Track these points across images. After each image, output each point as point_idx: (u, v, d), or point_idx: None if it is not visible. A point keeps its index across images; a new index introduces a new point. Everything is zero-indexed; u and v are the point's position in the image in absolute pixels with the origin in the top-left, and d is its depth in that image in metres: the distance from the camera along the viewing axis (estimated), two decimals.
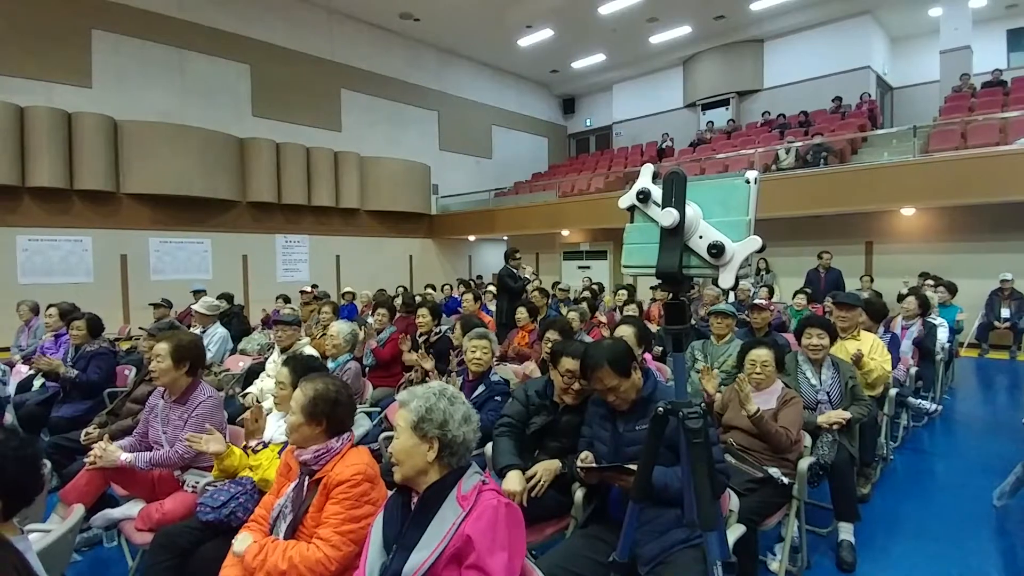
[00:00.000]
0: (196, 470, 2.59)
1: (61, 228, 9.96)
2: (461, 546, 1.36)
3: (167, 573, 2.02)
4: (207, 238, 11.69)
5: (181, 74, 11.44)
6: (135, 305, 10.41)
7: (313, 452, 1.80)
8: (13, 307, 6.80)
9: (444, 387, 1.60)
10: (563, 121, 20.58)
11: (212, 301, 5.98)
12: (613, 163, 16.20)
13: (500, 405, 2.96)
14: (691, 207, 1.33)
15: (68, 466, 3.06)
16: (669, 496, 1.86)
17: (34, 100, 9.44)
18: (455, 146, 16.76)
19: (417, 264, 15.44)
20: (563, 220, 13.29)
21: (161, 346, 2.63)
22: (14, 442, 1.40)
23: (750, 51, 15.24)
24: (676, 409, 1.40)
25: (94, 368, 4.16)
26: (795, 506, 2.52)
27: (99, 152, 9.97)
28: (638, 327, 3.29)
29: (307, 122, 13.28)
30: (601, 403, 2.18)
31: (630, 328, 3.26)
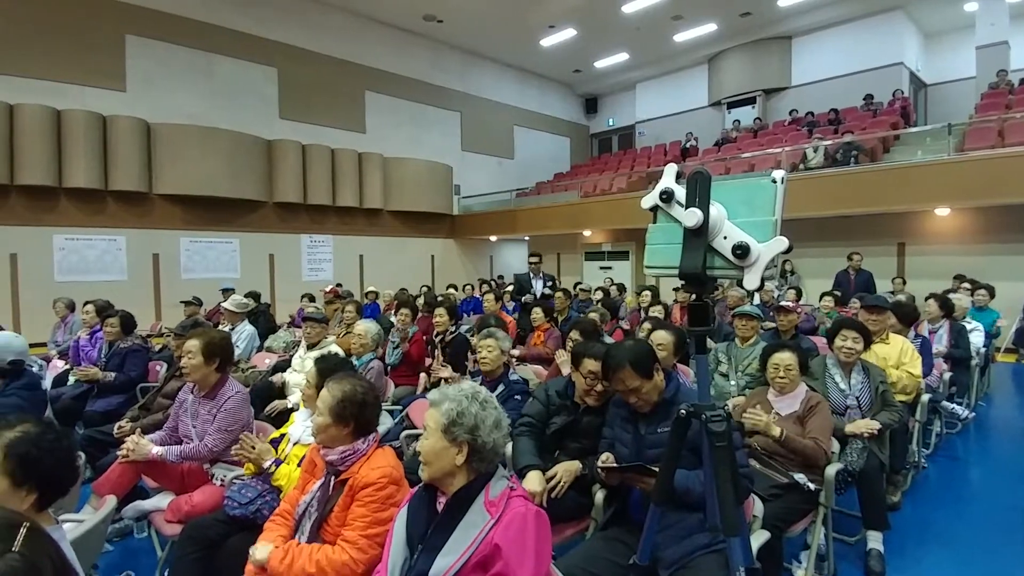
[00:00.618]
0: (224, 464, 2.65)
1: (96, 228, 10.27)
2: (489, 554, 1.35)
3: (195, 565, 2.06)
4: (235, 238, 11.93)
5: (210, 77, 11.70)
6: (167, 303, 10.68)
7: (339, 453, 1.81)
8: (50, 304, 7.03)
9: (477, 390, 1.58)
10: (585, 121, 20.49)
11: (241, 299, 6.11)
12: (636, 163, 16.08)
13: (520, 404, 2.96)
14: (715, 207, 1.31)
15: (101, 458, 3.15)
16: (691, 500, 1.84)
17: (70, 103, 9.75)
18: (477, 147, 16.82)
19: (439, 264, 15.53)
20: (585, 220, 13.23)
21: (192, 343, 2.69)
22: (50, 435, 1.45)
23: (778, 48, 14.98)
24: (699, 412, 1.39)
25: (130, 365, 4.29)
26: (822, 513, 2.47)
27: (132, 154, 10.26)
28: (678, 335, 3.14)
29: (332, 124, 13.47)
30: (623, 404, 2.17)
31: (670, 335, 3.12)
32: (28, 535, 0.81)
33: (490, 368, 3.16)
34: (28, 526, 0.83)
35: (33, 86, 9.51)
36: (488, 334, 3.23)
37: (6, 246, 9.39)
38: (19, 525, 0.82)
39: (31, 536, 0.82)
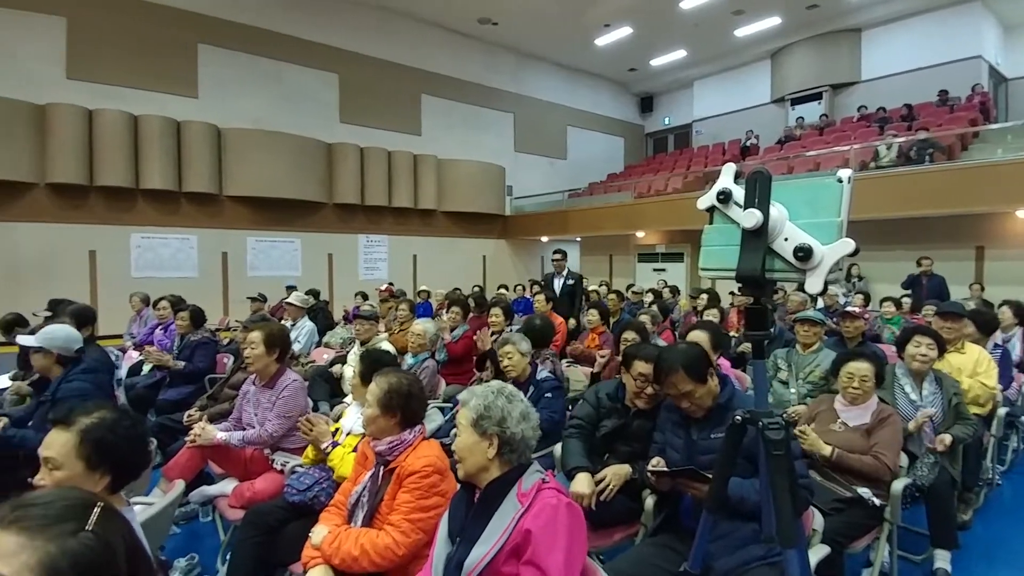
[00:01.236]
0: (284, 451, 2.77)
1: (170, 227, 10.93)
2: (520, 541, 1.37)
3: (255, 549, 2.17)
4: (297, 237, 12.43)
5: (276, 84, 12.23)
6: (234, 299, 11.24)
7: (387, 443, 1.89)
8: (126, 299, 7.53)
9: (503, 386, 1.63)
10: (640, 120, 20.17)
11: (303, 295, 6.37)
12: (692, 162, 15.70)
13: (553, 401, 2.96)
14: (776, 208, 1.27)
15: (171, 445, 3.35)
16: (746, 509, 1.78)
17: (147, 109, 10.40)
18: (530, 147, 16.85)
19: (490, 264, 15.66)
20: (638, 221, 13.02)
21: (255, 334, 2.84)
22: (125, 421, 1.54)
23: (846, 41, 14.27)
24: (756, 418, 1.35)
25: (200, 357, 4.55)
26: (887, 529, 2.35)
27: (204, 157, 10.87)
28: (712, 331, 3.13)
29: (389, 127, 13.82)
30: (674, 409, 2.12)
31: (704, 332, 3.10)
32: (102, 514, 0.84)
33: (516, 373, 3.14)
34: (102, 506, 0.86)
35: (112, 93, 10.20)
36: (504, 341, 3.23)
37: (86, 243, 10.12)
38: (93, 505, 0.85)
39: (104, 515, 0.85)
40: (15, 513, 0.80)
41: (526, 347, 3.19)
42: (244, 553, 2.16)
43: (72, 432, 1.43)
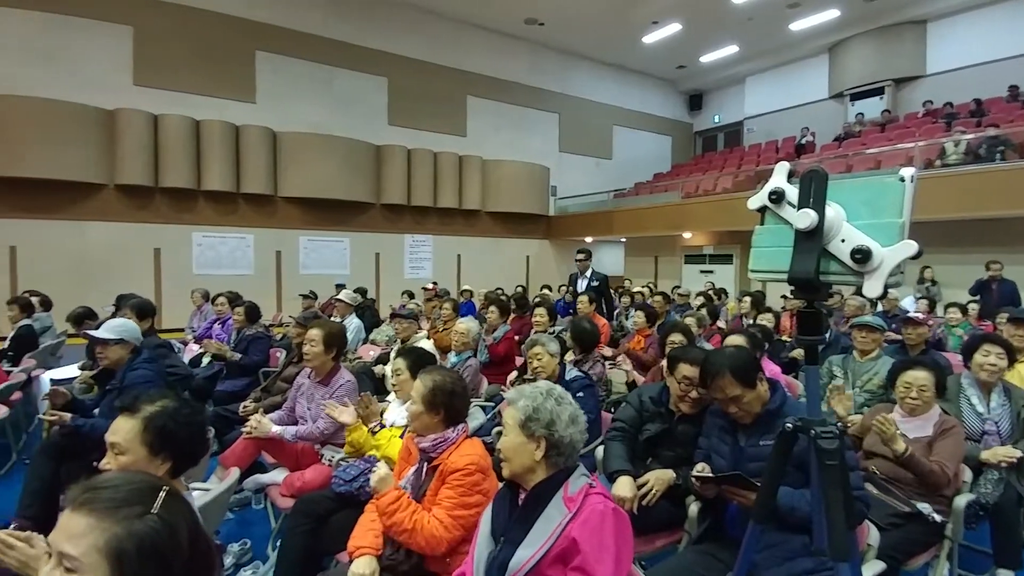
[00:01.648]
0: (333, 446, 2.86)
1: (228, 227, 11.43)
2: (566, 547, 1.36)
3: (304, 536, 2.24)
4: (346, 237, 12.78)
5: (329, 88, 12.61)
6: (286, 296, 11.66)
7: (431, 440, 1.92)
8: (188, 294, 7.92)
9: (551, 387, 1.61)
10: (689, 118, 19.75)
11: (352, 293, 6.55)
12: (743, 161, 15.26)
13: (584, 401, 2.90)
14: (832, 208, 1.22)
15: (227, 434, 3.50)
16: (796, 520, 1.72)
17: (208, 114, 10.92)
18: (575, 147, 16.76)
19: (534, 265, 15.66)
20: (686, 222, 12.76)
21: (314, 332, 2.94)
22: (186, 410, 1.62)
23: (910, 34, 13.57)
24: (808, 427, 1.30)
25: (254, 350, 4.74)
26: (947, 547, 2.23)
27: (261, 160, 11.33)
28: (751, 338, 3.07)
29: (435, 128, 14.02)
30: (721, 414, 2.07)
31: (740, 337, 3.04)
32: (167, 498, 0.88)
33: (546, 374, 3.11)
34: (167, 490, 0.90)
35: (176, 98, 10.75)
36: (532, 342, 3.21)
37: (152, 242, 10.70)
38: (159, 489, 0.89)
39: (170, 499, 0.88)
40: (85, 495, 0.84)
41: (555, 348, 3.17)
42: (293, 540, 2.23)
43: (137, 419, 1.51)
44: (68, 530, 0.82)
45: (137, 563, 0.81)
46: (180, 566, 0.85)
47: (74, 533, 0.81)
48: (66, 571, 0.81)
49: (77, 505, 0.84)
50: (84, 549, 0.80)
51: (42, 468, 2.80)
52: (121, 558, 0.80)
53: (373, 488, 1.84)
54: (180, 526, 0.87)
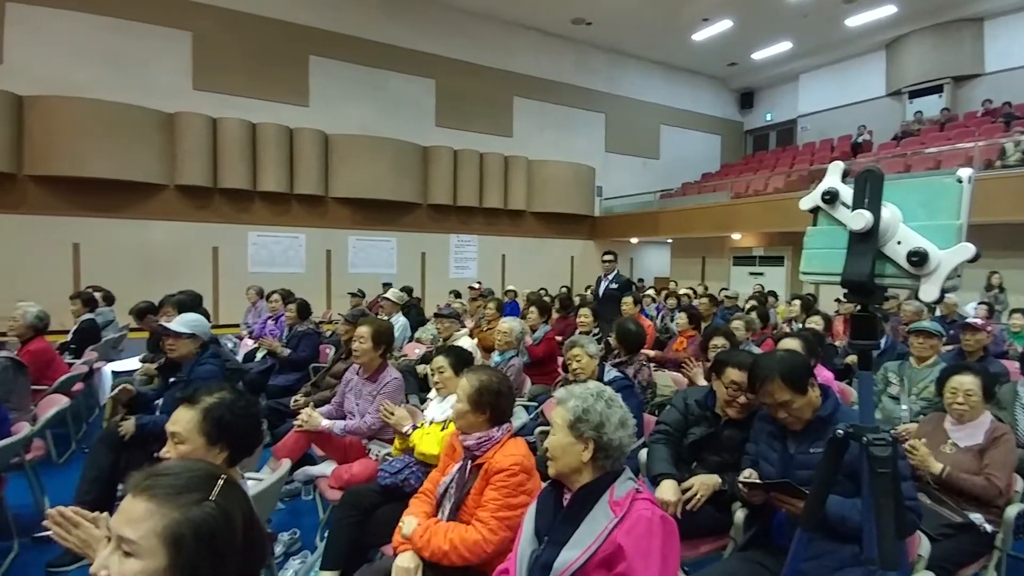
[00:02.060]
0: (379, 441, 2.94)
1: (282, 226, 11.87)
2: (612, 552, 1.36)
3: (350, 528, 2.30)
4: (393, 237, 13.05)
5: (379, 91, 12.92)
6: (335, 294, 11.98)
7: (476, 439, 1.94)
8: (243, 291, 8.26)
9: (602, 389, 1.60)
10: (739, 117, 19.24)
11: (399, 292, 6.70)
12: (796, 160, 14.75)
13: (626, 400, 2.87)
14: (888, 209, 1.18)
15: (279, 426, 3.64)
16: (846, 530, 1.67)
17: (263, 118, 11.36)
18: (621, 147, 16.59)
19: (578, 265, 15.58)
20: (735, 223, 12.44)
21: (364, 330, 3.02)
22: (242, 402, 1.69)
23: (968, 31, 12.86)
24: (859, 434, 1.26)
25: (304, 346, 4.91)
26: (996, 557, 2.15)
27: (313, 162, 11.72)
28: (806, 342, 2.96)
29: (481, 129, 14.16)
30: (770, 420, 2.02)
31: (795, 341, 2.94)
32: (224, 487, 0.91)
33: (585, 375, 3.09)
34: (224, 479, 0.93)
35: (233, 102, 11.23)
36: (572, 343, 3.20)
37: (210, 240, 11.20)
38: (217, 477, 0.92)
39: (226, 488, 0.91)
40: (146, 482, 0.88)
41: (594, 349, 3.16)
42: (340, 532, 2.29)
43: (196, 410, 1.59)
44: (128, 514, 0.85)
45: (194, 548, 0.83)
46: (234, 552, 0.88)
47: (134, 518, 0.84)
48: (125, 555, 0.83)
49: (138, 491, 0.87)
50: (143, 533, 0.83)
51: (101, 457, 2.91)
52: (179, 543, 0.83)
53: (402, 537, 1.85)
54: (235, 513, 0.90)
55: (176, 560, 0.83)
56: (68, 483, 3.05)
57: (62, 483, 3.36)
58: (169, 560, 0.83)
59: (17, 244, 9.56)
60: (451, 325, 4.62)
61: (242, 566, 0.90)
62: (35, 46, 9.70)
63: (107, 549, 0.87)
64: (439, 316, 4.68)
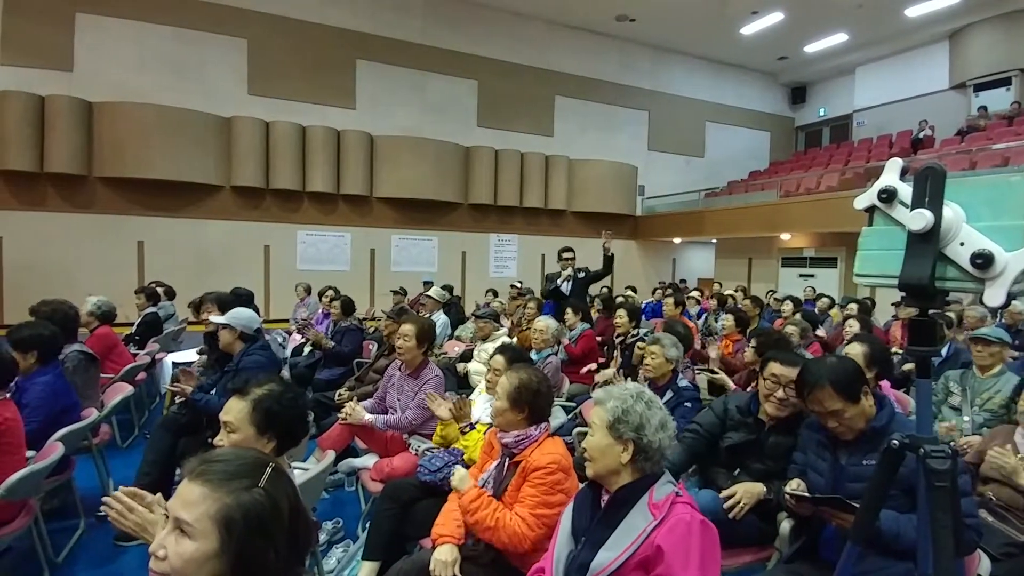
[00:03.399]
0: (420, 436, 2.99)
1: (329, 226, 12.19)
2: (650, 555, 1.34)
3: (390, 520, 2.35)
4: (434, 236, 13.21)
5: (423, 93, 13.10)
6: (379, 291, 12.25)
7: (514, 436, 1.96)
8: (292, 288, 8.53)
9: (642, 390, 1.58)
10: (790, 112, 18.57)
11: (440, 290, 6.79)
12: (851, 157, 14.13)
13: (690, 412, 2.83)
14: (951, 208, 1.12)
15: (324, 419, 3.75)
16: (900, 546, 1.59)
17: (313, 120, 11.69)
18: (664, 145, 16.28)
19: (619, 265, 15.26)
20: (783, 222, 12.02)
21: (408, 327, 3.09)
22: (290, 394, 1.76)
23: None
24: (916, 445, 1.20)
25: (348, 341, 5.04)
26: None
27: (359, 163, 12.00)
28: (872, 345, 2.79)
29: (523, 129, 14.17)
30: (819, 428, 1.95)
31: (862, 346, 2.77)
32: (273, 474, 0.96)
33: (653, 374, 3.08)
34: (273, 467, 0.97)
35: (284, 106, 11.60)
36: (654, 340, 3.17)
37: (262, 239, 11.61)
38: (266, 465, 0.97)
39: (275, 476, 0.96)
40: (201, 467, 0.94)
41: (674, 353, 3.07)
42: (381, 523, 2.35)
43: (247, 401, 1.66)
44: (184, 498, 0.90)
45: (244, 531, 0.88)
46: (282, 536, 0.92)
47: (189, 501, 0.90)
48: (180, 535, 0.88)
49: (193, 476, 0.92)
50: (197, 515, 0.88)
51: (161, 441, 3.11)
52: (229, 526, 0.88)
53: (453, 487, 1.90)
54: (283, 500, 0.94)
55: (227, 542, 0.88)
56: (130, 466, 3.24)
57: (125, 465, 3.57)
58: (221, 541, 0.88)
59: (88, 241, 10.17)
60: (487, 325, 4.64)
61: (289, 550, 0.93)
62: (103, 54, 10.27)
63: (164, 530, 0.92)
64: (478, 317, 4.71)
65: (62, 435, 2.56)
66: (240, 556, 0.88)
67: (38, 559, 2.52)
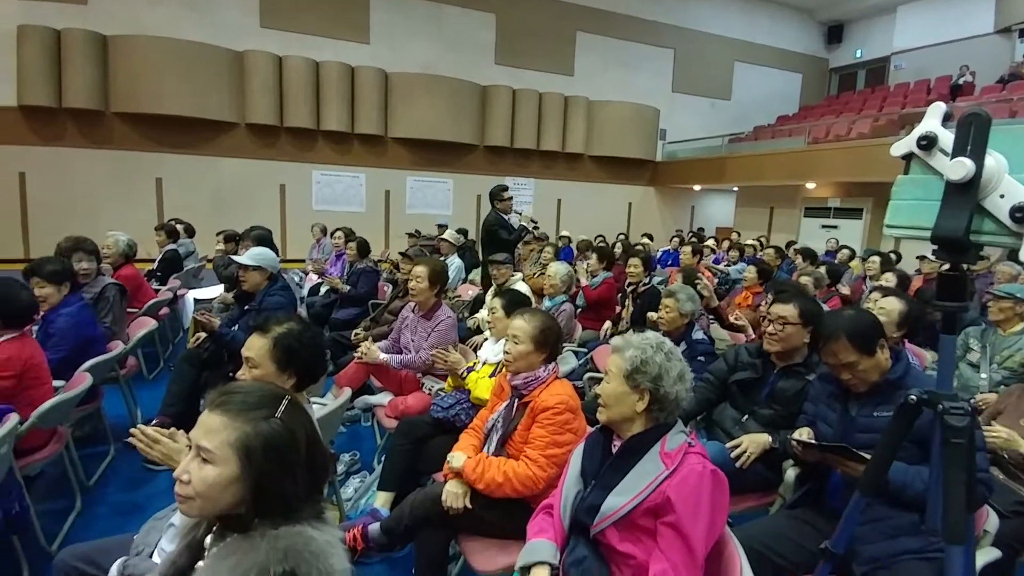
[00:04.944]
0: (432, 376, 3.06)
1: (343, 166, 12.08)
2: (660, 503, 1.37)
3: (404, 455, 2.45)
4: (450, 178, 13.05)
5: (438, 27, 12.61)
6: (393, 233, 12.25)
7: (523, 378, 2.01)
8: (308, 228, 8.55)
9: (661, 340, 1.57)
10: (825, 53, 17.55)
11: (455, 233, 6.76)
12: (886, 102, 13.49)
13: (703, 366, 2.84)
14: (992, 158, 1.05)
15: (341, 357, 3.84)
16: (907, 497, 1.61)
17: (327, 56, 11.37)
18: (689, 87, 15.62)
19: (636, 212, 15.17)
20: (810, 171, 11.63)
21: (420, 268, 3.11)
22: (309, 333, 1.81)
23: None
24: (935, 400, 1.18)
25: (363, 283, 5.09)
26: None
27: (373, 101, 11.73)
28: (909, 305, 2.67)
29: (542, 67, 13.65)
30: (831, 380, 1.94)
31: (900, 303, 2.65)
32: (289, 406, 1.01)
33: (667, 328, 3.10)
34: (289, 399, 1.02)
35: (297, 40, 11.28)
36: (669, 293, 3.16)
37: (277, 178, 11.57)
38: (282, 397, 1.02)
39: (291, 407, 1.01)
40: (221, 398, 0.99)
41: (689, 308, 3.07)
42: (395, 458, 2.44)
43: (267, 338, 1.71)
44: (206, 426, 0.96)
45: (262, 458, 0.93)
46: (299, 465, 0.97)
47: (210, 429, 0.95)
48: (203, 462, 0.94)
49: (214, 406, 0.98)
50: (218, 443, 0.93)
51: (184, 374, 3.23)
52: (248, 453, 0.93)
53: (451, 470, 1.93)
54: (299, 431, 0.99)
55: (247, 468, 0.93)
56: (156, 396, 3.37)
57: (151, 396, 3.70)
58: (241, 467, 0.93)
59: (107, 178, 10.22)
60: (507, 271, 4.62)
61: (306, 478, 0.99)
62: None
63: (188, 457, 0.97)
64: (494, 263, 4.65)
65: (90, 366, 2.65)
66: (259, 482, 0.93)
67: (70, 483, 2.66)
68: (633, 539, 1.41)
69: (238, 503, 0.95)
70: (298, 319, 1.86)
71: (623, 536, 1.41)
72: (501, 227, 5.43)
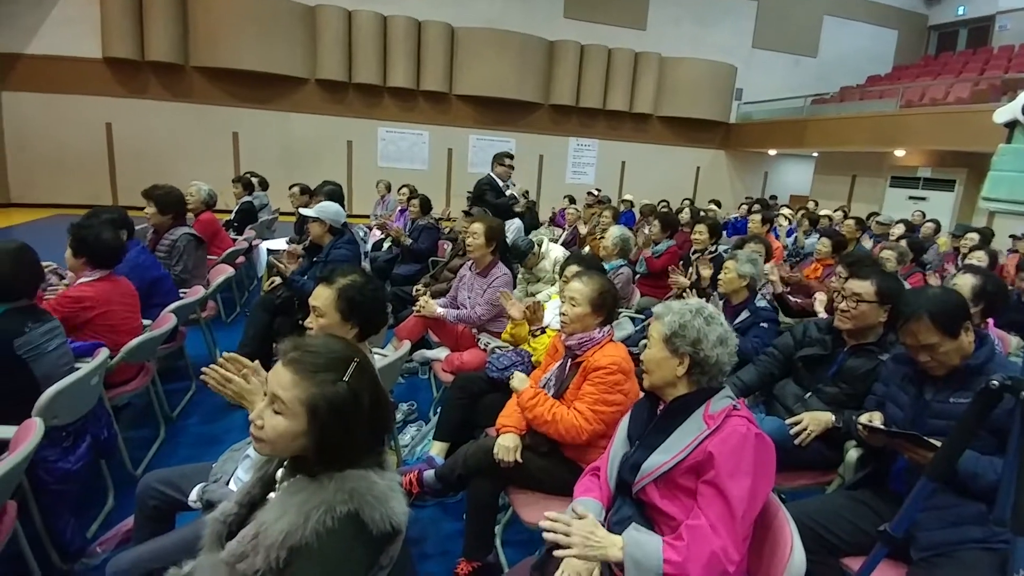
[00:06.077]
0: (488, 333, 3.14)
1: (408, 123, 12.19)
2: (702, 460, 1.37)
3: (459, 409, 2.54)
4: (512, 137, 12.90)
5: None
6: (455, 192, 12.33)
7: (578, 339, 2.04)
8: (373, 185, 8.75)
9: (702, 305, 1.57)
10: (925, 9, 15.80)
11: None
12: (988, 65, 12.14)
13: (766, 333, 2.80)
14: None
15: (401, 311, 3.99)
16: (976, 487, 1.53)
17: (393, 10, 11.32)
18: (771, 43, 14.53)
19: (704, 177, 14.56)
20: (900, 137, 10.70)
21: (477, 226, 3.16)
22: (372, 285, 1.89)
23: None
24: (1019, 387, 1.11)
25: (424, 239, 5.21)
26: None
27: (439, 57, 11.68)
28: (985, 277, 2.52)
29: (612, 21, 13.09)
30: (907, 361, 1.84)
31: (973, 277, 2.51)
32: (356, 369, 1.06)
33: (726, 290, 3.07)
34: (357, 362, 1.08)
35: None
36: (731, 256, 3.14)
37: (345, 134, 11.82)
38: (351, 360, 1.07)
39: (358, 370, 1.07)
40: (293, 354, 1.06)
41: (747, 270, 3.02)
42: (451, 410, 2.54)
43: (332, 289, 1.79)
44: (280, 380, 1.03)
45: (327, 416, 1.01)
46: (361, 425, 1.05)
47: (284, 383, 1.03)
48: (275, 412, 1.03)
49: (287, 362, 1.05)
50: (290, 398, 1.02)
51: (259, 319, 3.48)
52: (315, 412, 1.01)
53: (512, 388, 2.03)
54: (363, 394, 1.05)
55: (313, 424, 1.02)
56: (233, 338, 3.68)
57: (229, 337, 4.04)
58: (308, 423, 1.02)
59: (187, 130, 10.77)
60: None
61: (368, 434, 1.07)
62: None
63: (263, 403, 1.07)
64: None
65: (174, 308, 2.86)
66: (322, 438, 1.02)
67: (155, 413, 2.92)
68: (674, 498, 1.42)
69: (304, 451, 1.04)
70: (361, 272, 1.94)
71: (663, 494, 1.43)
72: (491, 188, 5.28)
